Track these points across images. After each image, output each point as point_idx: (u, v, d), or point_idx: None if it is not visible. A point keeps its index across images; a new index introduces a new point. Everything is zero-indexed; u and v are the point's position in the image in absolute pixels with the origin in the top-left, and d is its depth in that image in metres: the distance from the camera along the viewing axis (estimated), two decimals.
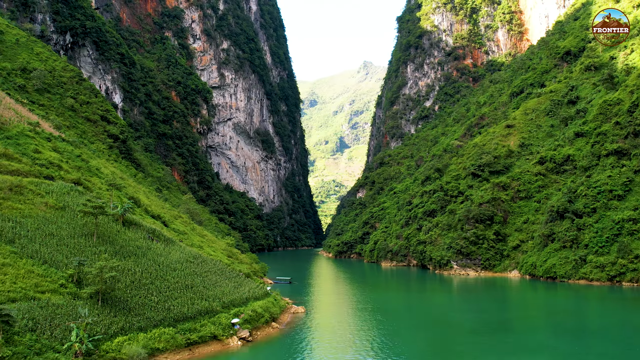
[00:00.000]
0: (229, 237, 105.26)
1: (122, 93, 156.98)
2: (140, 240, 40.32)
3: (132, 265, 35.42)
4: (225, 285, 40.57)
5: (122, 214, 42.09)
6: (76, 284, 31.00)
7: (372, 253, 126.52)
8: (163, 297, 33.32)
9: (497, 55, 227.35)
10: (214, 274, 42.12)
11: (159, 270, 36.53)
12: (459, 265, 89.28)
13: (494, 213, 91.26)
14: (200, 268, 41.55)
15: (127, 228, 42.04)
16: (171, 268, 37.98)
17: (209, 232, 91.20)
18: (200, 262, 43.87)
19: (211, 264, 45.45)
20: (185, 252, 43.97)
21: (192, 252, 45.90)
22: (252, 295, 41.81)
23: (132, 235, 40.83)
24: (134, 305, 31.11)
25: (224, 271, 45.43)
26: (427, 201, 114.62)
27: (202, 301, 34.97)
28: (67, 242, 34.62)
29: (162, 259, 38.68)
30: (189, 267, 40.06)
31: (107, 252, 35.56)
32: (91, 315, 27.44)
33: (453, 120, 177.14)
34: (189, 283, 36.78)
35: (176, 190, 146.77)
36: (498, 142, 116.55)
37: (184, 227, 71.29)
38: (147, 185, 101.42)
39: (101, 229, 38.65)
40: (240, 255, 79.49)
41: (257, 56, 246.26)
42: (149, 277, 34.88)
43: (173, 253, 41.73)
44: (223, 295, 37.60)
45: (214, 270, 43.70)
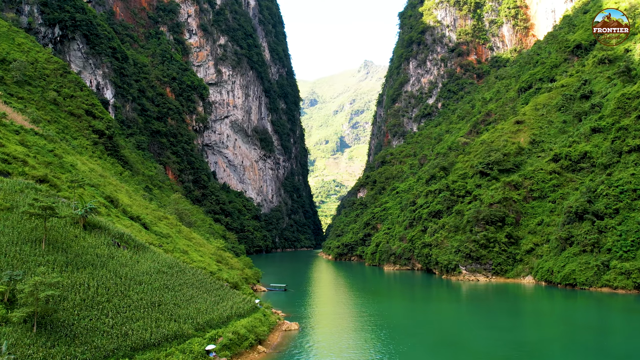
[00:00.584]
0: (219, 239, 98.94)
1: (114, 88, 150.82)
2: (102, 247, 33.97)
3: (86, 278, 29.08)
4: (203, 300, 34.20)
5: (83, 216, 35.76)
6: (7, 304, 24.68)
7: (373, 256, 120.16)
8: (121, 319, 26.97)
9: (502, 51, 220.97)
10: (191, 287, 35.75)
11: (120, 285, 30.17)
12: (468, 270, 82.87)
13: (506, 214, 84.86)
14: (175, 280, 35.18)
15: (89, 232, 35.69)
16: (136, 281, 31.62)
17: (198, 234, 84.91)
18: (176, 272, 37.52)
19: (190, 273, 39.10)
20: (158, 261, 37.62)
21: (168, 260, 39.54)
22: (236, 311, 35.45)
23: (93, 241, 34.49)
24: (81, 331, 24.77)
25: (205, 282, 39.07)
26: (432, 201, 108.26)
27: (170, 323, 28.62)
28: (7, 251, 28.31)
29: (127, 270, 32.32)
30: (160, 280, 33.68)
31: (57, 263, 29.24)
32: (15, 348, 21.11)
33: (457, 118, 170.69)
34: (156, 300, 30.42)
35: (169, 189, 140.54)
36: (507, 138, 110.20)
37: (168, 230, 64.95)
38: (135, 184, 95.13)
39: (54, 234, 32.33)
40: (232, 260, 73.18)
41: (256, 52, 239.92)
42: (105, 294, 28.53)
43: (142, 262, 35.36)
44: (198, 314, 31.23)
45: (192, 281, 37.33)
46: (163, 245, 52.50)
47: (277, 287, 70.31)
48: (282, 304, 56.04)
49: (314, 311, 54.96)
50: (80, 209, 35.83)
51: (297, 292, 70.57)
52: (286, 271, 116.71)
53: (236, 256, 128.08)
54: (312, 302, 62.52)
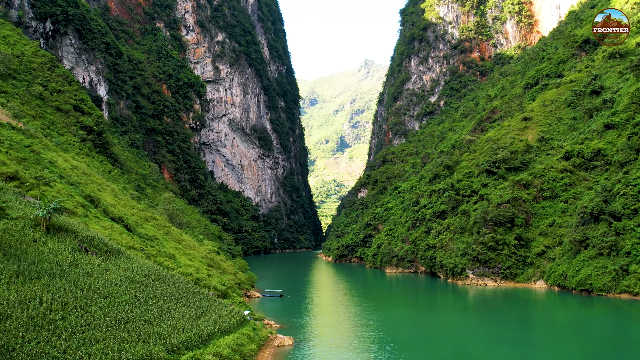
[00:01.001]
0: (214, 241, 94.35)
1: (108, 85, 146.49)
2: (64, 254, 29.48)
3: (39, 291, 24.57)
4: (181, 315, 29.66)
5: (45, 217, 31.26)
6: None
7: (375, 258, 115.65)
8: (76, 342, 22.45)
9: (506, 48, 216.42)
10: (169, 299, 31.23)
11: (80, 298, 25.66)
12: (475, 274, 78.31)
13: (515, 215, 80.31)
14: (150, 291, 30.65)
15: (52, 236, 31.19)
16: (101, 294, 27.10)
17: (190, 236, 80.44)
18: (153, 281, 32.99)
19: (169, 282, 34.57)
20: (133, 268, 33.11)
21: (145, 267, 35.02)
22: (220, 327, 30.92)
23: (56, 245, 29.99)
24: (24, 358, 20.25)
25: (187, 292, 34.55)
26: (436, 201, 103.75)
27: (137, 344, 24.09)
28: None
29: (91, 281, 27.81)
30: (131, 291, 29.16)
31: (5, 273, 24.73)
32: None
33: (461, 115, 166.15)
34: (123, 316, 25.90)
35: (163, 188, 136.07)
36: (514, 136, 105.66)
37: (155, 232, 60.47)
38: (124, 183, 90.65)
39: (8, 238, 27.84)
40: (225, 263, 68.67)
41: (254, 49, 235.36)
42: (61, 310, 24.01)
43: (113, 270, 30.85)
44: (173, 332, 26.71)
45: (171, 292, 32.81)
46: (146, 249, 48.02)
47: (272, 292, 65.81)
48: (276, 313, 51.54)
49: (311, 321, 50.41)
50: (42, 209, 31.32)
51: (294, 298, 66.03)
52: (284, 274, 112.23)
53: (232, 258, 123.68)
54: (309, 310, 57.96)
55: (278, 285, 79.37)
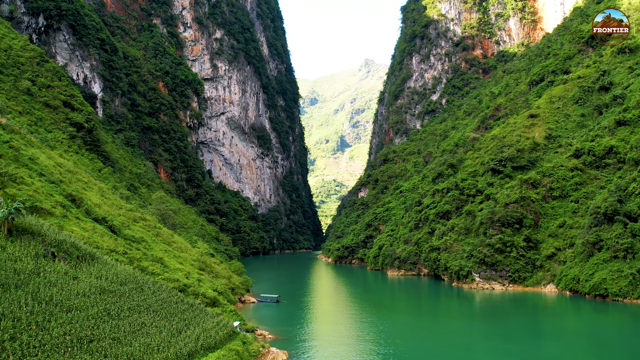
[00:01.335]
0: (208, 243, 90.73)
1: (102, 82, 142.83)
2: (26, 260, 25.85)
3: None
4: (159, 330, 26.03)
5: (7, 218, 27.65)
6: None
7: (376, 260, 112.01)
8: None
9: (509, 45, 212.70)
10: (146, 311, 27.60)
11: (38, 313, 22.04)
12: (482, 277, 74.65)
13: (523, 215, 76.66)
14: (123, 302, 27.01)
15: (14, 240, 27.57)
16: (65, 307, 23.47)
17: (184, 237, 76.87)
18: (129, 290, 29.36)
19: (149, 291, 30.95)
20: (108, 275, 29.49)
21: (123, 273, 31.39)
22: (204, 343, 27.30)
23: (17, 250, 26.38)
24: None
25: (168, 302, 30.92)
26: (439, 201, 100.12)
27: None
28: None
29: (54, 292, 24.18)
30: (101, 303, 25.53)
31: None
32: None
33: (464, 113, 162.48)
34: (88, 334, 22.27)
35: (158, 188, 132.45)
36: (521, 133, 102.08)
37: (143, 233, 56.84)
38: (115, 182, 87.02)
39: None
40: (218, 267, 65.05)
41: (253, 47, 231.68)
42: (11, 328, 20.39)
43: (83, 279, 27.22)
44: (146, 352, 23.09)
45: (150, 303, 29.18)
46: (130, 252, 44.40)
47: (268, 298, 62.16)
48: (271, 321, 47.92)
49: (309, 331, 46.75)
50: (3, 209, 27.70)
51: (291, 304, 62.38)
52: (282, 276, 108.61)
53: (229, 259, 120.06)
54: (306, 318, 54.28)
55: (275, 289, 75.78)
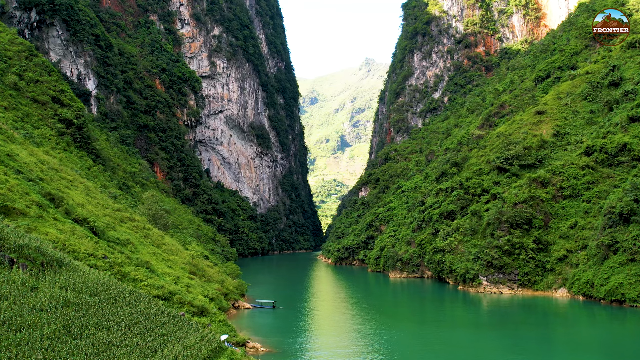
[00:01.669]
0: (203, 244, 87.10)
1: (97, 79, 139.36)
2: None
3: None
4: (129, 350, 22.39)
5: None
6: None
7: (377, 261, 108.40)
8: None
9: (512, 42, 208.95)
10: (117, 327, 23.95)
11: None
12: (489, 281, 71.02)
13: (533, 215, 73.03)
14: (89, 317, 23.37)
15: None
16: (16, 325, 19.84)
17: (175, 239, 73.30)
18: (100, 301, 25.74)
19: (124, 302, 27.32)
20: (76, 285, 25.85)
21: (95, 282, 27.76)
22: None
23: None
24: None
25: (146, 315, 27.29)
26: (443, 200, 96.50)
27: None
28: None
29: (5, 306, 20.54)
30: (62, 319, 21.89)
31: None
32: None
33: (467, 111, 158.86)
34: (39, 358, 18.63)
35: (154, 187, 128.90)
36: (527, 130, 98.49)
37: (130, 235, 53.24)
38: (105, 180, 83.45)
39: None
40: (211, 270, 61.44)
41: (252, 44, 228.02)
42: None
43: (44, 290, 23.59)
44: None
45: (123, 316, 25.54)
46: (112, 256, 40.79)
47: (264, 303, 58.55)
48: (265, 330, 44.31)
49: (306, 342, 43.11)
50: None
51: (288, 310, 58.75)
52: (280, 279, 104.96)
53: (226, 261, 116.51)
54: (304, 327, 50.60)
55: (272, 293, 72.25)
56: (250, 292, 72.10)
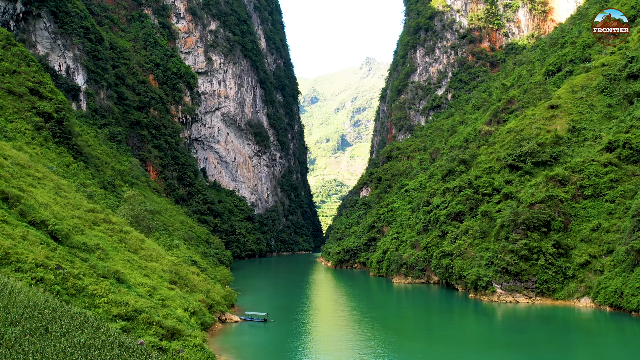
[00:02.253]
0: (195, 247, 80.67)
1: (86, 73, 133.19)
2: None
3: None
4: None
5: None
6: None
7: (380, 265, 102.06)
8: None
9: (518, 37, 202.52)
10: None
11: None
12: (504, 289, 64.63)
13: (551, 217, 66.65)
14: None
15: None
16: None
17: (160, 242, 67.01)
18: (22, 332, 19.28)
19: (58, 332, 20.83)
20: None
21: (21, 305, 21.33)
22: None
23: None
24: None
25: (85, 349, 20.82)
26: (451, 201, 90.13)
27: None
28: None
29: None
30: None
31: None
32: None
33: (473, 107, 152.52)
34: None
35: (144, 186, 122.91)
36: (540, 126, 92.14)
37: (101, 240, 46.94)
38: (87, 178, 77.18)
39: None
40: (196, 278, 55.11)
41: (250, 40, 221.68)
42: None
43: None
44: None
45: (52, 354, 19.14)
46: (69, 266, 34.47)
47: (254, 316, 52.20)
48: (250, 352, 37.92)
49: None
50: None
51: (282, 323, 52.38)
52: (276, 284, 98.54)
53: (220, 264, 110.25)
54: (297, 347, 44.12)
55: (266, 302, 65.99)
56: (242, 301, 65.80)
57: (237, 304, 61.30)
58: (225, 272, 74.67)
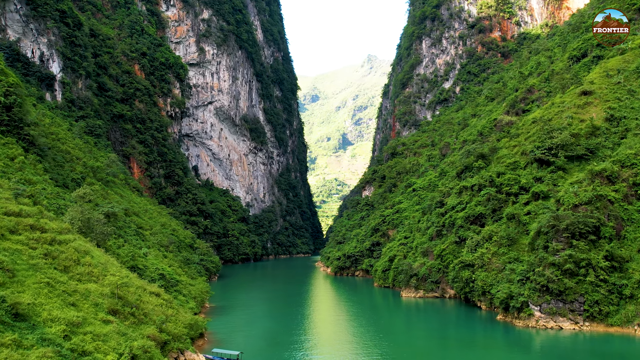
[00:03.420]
0: (169, 253, 67.78)
1: (62, 61, 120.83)
2: None
3: None
4: None
5: None
6: None
7: (386, 274, 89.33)
8: None
9: (531, 26, 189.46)
10: None
11: None
12: (544, 311, 51.83)
13: (601, 221, 53.83)
14: None
15: None
16: None
17: (121, 252, 54.35)
18: None
19: None
20: None
21: None
22: None
23: None
24: None
25: None
26: (469, 201, 77.37)
27: None
28: None
29: None
30: None
31: None
32: None
33: (486, 99, 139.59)
34: None
35: (122, 185, 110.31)
36: (572, 115, 79.23)
37: (12, 254, 34.33)
38: (37, 174, 64.56)
39: None
40: (153, 301, 42.49)
41: (245, 30, 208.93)
42: None
43: None
44: None
45: None
46: None
47: (225, 356, 39.53)
48: None
49: None
50: None
51: None
52: (265, 298, 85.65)
53: (206, 272, 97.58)
54: None
55: (247, 326, 53.27)
56: (217, 326, 53.09)
57: (209, 331, 48.64)
58: (202, 287, 62.01)
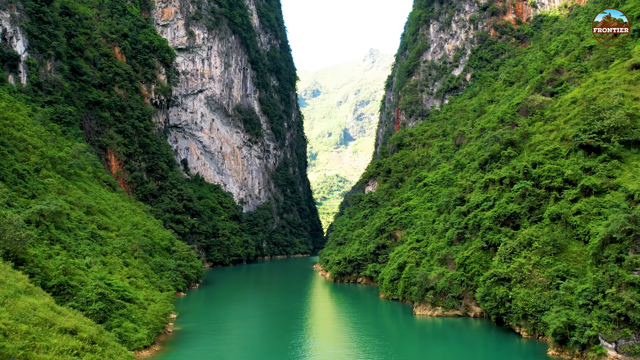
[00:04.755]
0: (138, 259, 53.48)
1: (28, 39, 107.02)
2: None
3: None
4: None
5: None
6: None
7: (394, 285, 75.09)
8: None
9: (548, 8, 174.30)
10: None
11: None
12: (621, 350, 37.60)
13: None
14: None
15: None
16: None
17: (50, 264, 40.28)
18: None
19: None
20: None
21: None
22: None
23: None
24: None
25: None
26: (498, 198, 63.12)
27: None
28: None
29: None
30: None
31: None
32: None
33: (505, 83, 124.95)
34: None
35: (90, 178, 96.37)
36: (623, 92, 64.71)
37: None
38: None
39: None
40: (61, 345, 28.10)
41: (239, 13, 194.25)
42: None
43: None
44: None
45: None
46: None
47: None
48: None
49: None
50: None
51: None
52: (248, 317, 71.28)
53: (185, 280, 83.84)
54: None
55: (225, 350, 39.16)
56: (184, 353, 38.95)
57: None
58: (161, 308, 47.85)
